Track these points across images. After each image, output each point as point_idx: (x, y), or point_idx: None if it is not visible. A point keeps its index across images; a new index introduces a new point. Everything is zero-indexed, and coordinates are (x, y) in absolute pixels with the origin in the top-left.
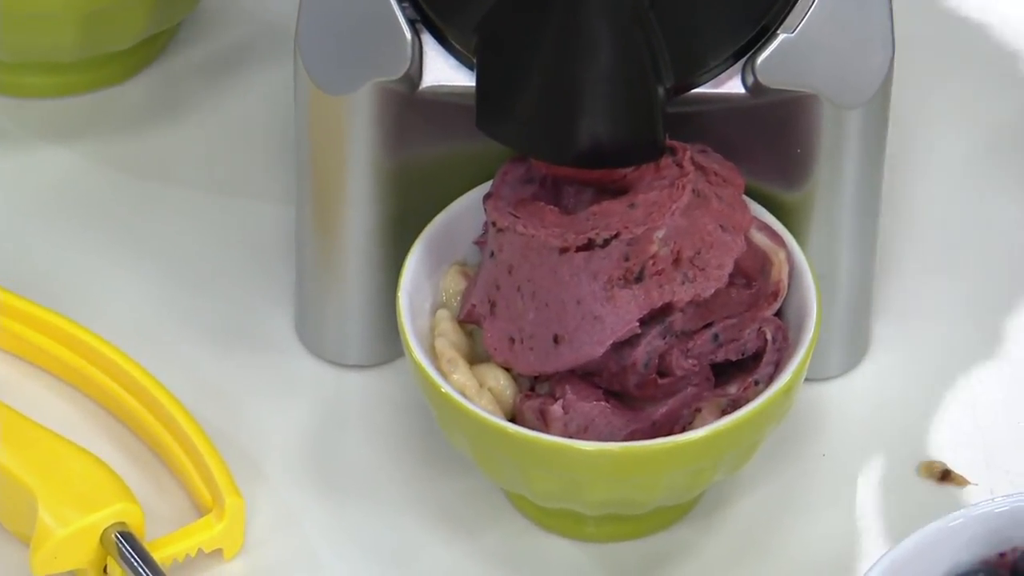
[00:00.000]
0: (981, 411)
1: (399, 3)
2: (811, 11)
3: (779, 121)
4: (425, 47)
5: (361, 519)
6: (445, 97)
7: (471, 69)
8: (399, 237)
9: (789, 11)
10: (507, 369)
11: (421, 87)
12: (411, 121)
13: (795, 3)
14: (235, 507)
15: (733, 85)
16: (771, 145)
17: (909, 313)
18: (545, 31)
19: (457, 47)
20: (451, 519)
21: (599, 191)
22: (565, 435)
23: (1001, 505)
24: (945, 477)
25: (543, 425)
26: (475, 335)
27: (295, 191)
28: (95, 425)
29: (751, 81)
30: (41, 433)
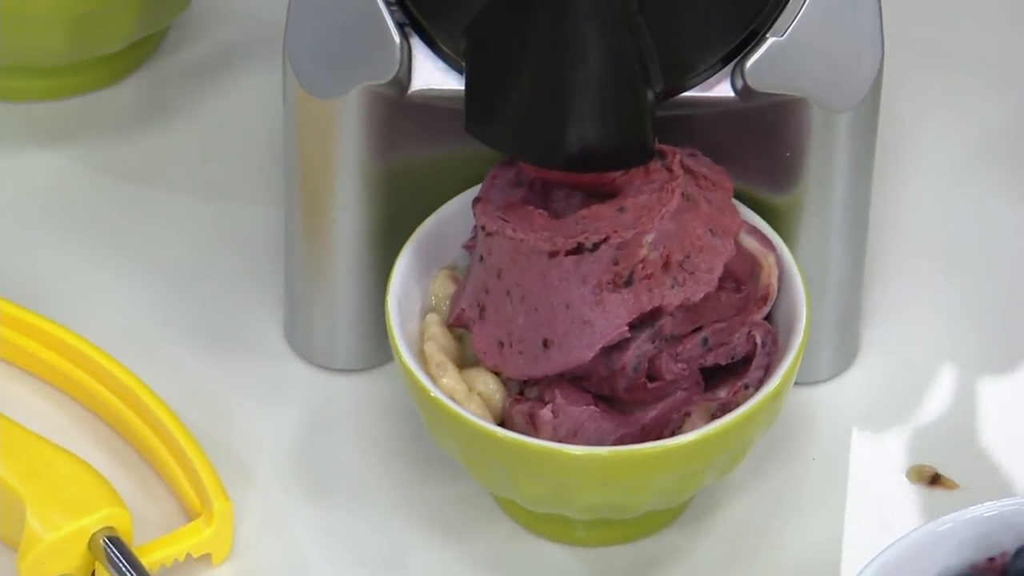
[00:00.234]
0: (971, 415)
1: (388, 7)
2: (800, 15)
3: (768, 125)
4: (414, 51)
5: (350, 523)
6: (434, 101)
7: (460, 73)
8: (388, 241)
9: (778, 14)
10: (496, 373)
11: (410, 91)
12: (400, 125)
13: (784, 6)
14: (224, 511)
15: (722, 89)
16: (760, 149)
17: (899, 317)
18: (534, 35)
19: (446, 51)
20: (440, 523)
21: (588, 195)
22: (554, 439)
23: (990, 510)
24: (935, 481)
25: (532, 429)
26: (464, 339)
27: (284, 195)
28: (83, 429)
29: (740, 85)
30: (29, 437)
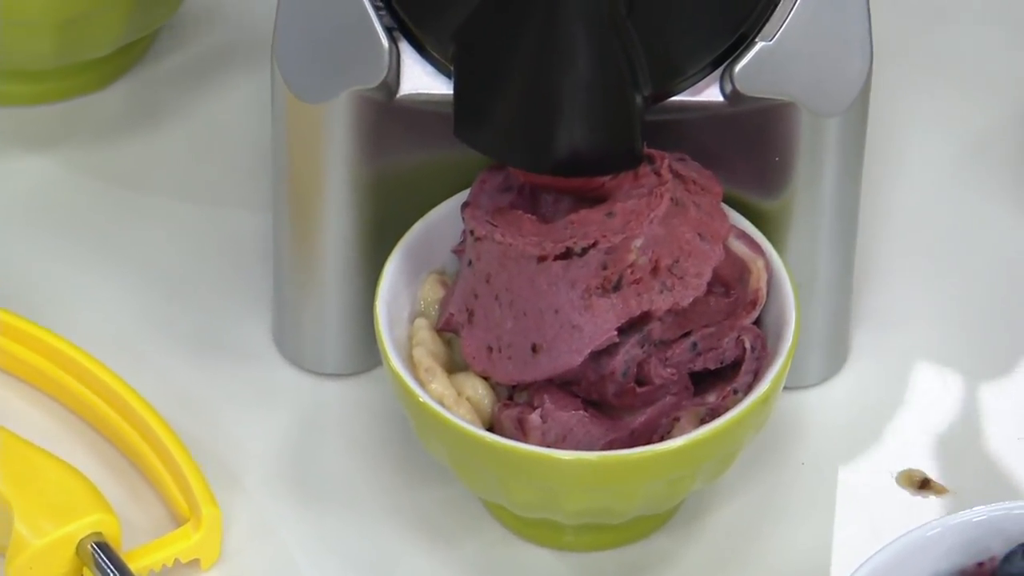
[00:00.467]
0: (961, 420)
1: (376, 11)
2: (789, 19)
3: (757, 129)
4: (403, 55)
5: (339, 528)
6: (423, 105)
7: (449, 77)
8: (377, 246)
9: (767, 19)
10: (485, 378)
11: (399, 95)
12: (389, 129)
13: (773, 11)
14: (212, 517)
15: (711, 93)
16: (749, 153)
17: (888, 321)
18: (522, 39)
19: (435, 55)
20: (429, 528)
21: (577, 200)
22: (543, 444)
23: (979, 514)
24: (924, 486)
25: (521, 434)
26: (453, 344)
27: (272, 199)
28: (71, 435)
29: (729, 89)
30: (16, 443)
